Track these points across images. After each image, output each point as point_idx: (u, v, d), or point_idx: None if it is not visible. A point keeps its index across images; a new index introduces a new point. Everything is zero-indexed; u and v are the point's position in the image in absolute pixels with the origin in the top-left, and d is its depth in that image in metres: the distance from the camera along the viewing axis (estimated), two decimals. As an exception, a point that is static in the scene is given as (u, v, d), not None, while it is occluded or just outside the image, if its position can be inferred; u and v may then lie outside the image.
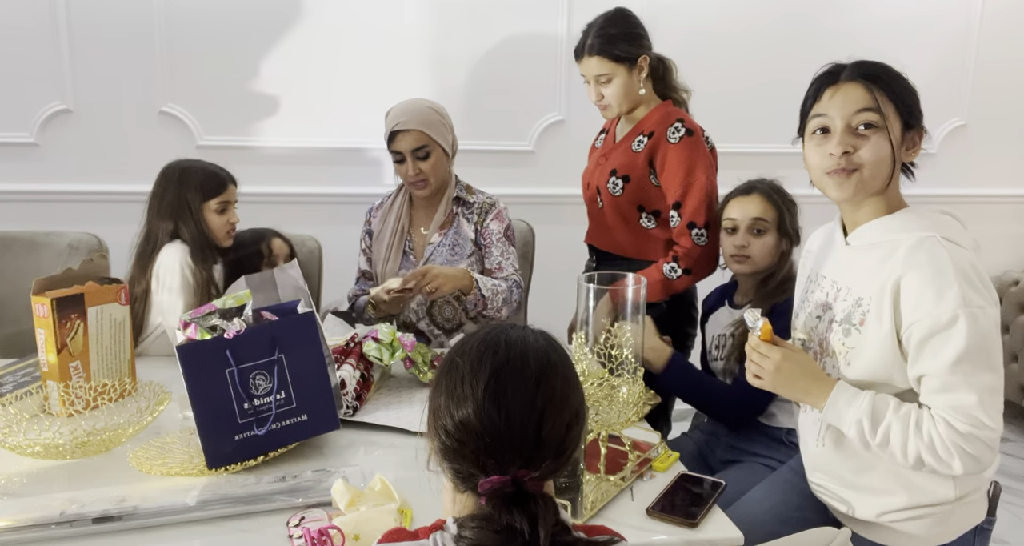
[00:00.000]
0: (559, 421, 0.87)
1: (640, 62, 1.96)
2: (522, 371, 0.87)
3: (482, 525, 0.84)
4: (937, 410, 1.21)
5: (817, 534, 1.01)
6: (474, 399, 0.86)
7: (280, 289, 1.55)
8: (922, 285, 1.21)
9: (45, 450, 1.35)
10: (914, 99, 1.35)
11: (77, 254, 2.30)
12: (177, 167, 2.04)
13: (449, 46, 2.89)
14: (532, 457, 0.86)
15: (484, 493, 0.84)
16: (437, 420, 0.90)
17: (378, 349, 1.70)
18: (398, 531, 0.93)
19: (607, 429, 1.33)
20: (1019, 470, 2.92)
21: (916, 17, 3.14)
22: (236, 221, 2.07)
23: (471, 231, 2.13)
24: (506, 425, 0.85)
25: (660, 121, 1.98)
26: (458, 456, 0.87)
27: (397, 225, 2.15)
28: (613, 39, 1.94)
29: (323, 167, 2.89)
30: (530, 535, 0.83)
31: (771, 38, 3.07)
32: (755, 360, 1.33)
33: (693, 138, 1.94)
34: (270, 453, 1.38)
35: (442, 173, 2.09)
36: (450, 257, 2.11)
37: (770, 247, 1.81)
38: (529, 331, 0.93)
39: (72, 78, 2.71)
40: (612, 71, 1.95)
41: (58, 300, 1.54)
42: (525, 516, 0.83)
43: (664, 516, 1.23)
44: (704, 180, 1.93)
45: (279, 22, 2.79)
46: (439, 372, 0.92)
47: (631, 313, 1.33)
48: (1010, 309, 3.34)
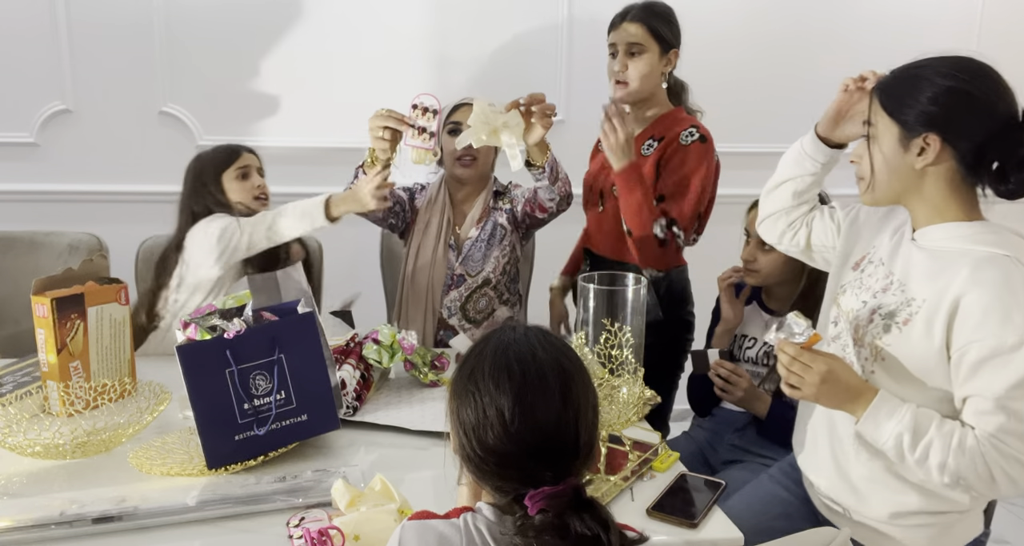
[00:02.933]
0: (589, 424, 0.90)
1: (671, 53, 1.96)
2: (544, 390, 0.87)
3: (550, 533, 0.84)
4: (985, 430, 1.18)
5: (817, 534, 1.01)
6: (503, 426, 0.86)
7: (283, 291, 1.55)
8: (988, 304, 1.17)
9: (45, 450, 1.35)
10: None
11: (77, 254, 2.30)
12: (193, 159, 2.08)
13: (449, 46, 2.89)
14: (573, 463, 0.88)
15: (538, 503, 0.84)
16: (467, 444, 0.89)
17: (377, 352, 1.69)
18: (425, 513, 0.94)
19: (607, 429, 1.33)
20: (1019, 470, 2.92)
21: (916, 17, 3.14)
22: (261, 185, 2.07)
23: (503, 216, 2.13)
24: (544, 442, 0.86)
25: (672, 125, 1.96)
26: (497, 476, 0.88)
27: (443, 217, 2.13)
28: (659, 16, 1.94)
29: (323, 167, 2.88)
30: (606, 541, 0.84)
31: (771, 38, 3.07)
32: (796, 371, 1.26)
33: (705, 145, 1.91)
34: (270, 453, 1.38)
35: (491, 160, 2.13)
36: (486, 248, 2.11)
37: (777, 263, 1.76)
38: (530, 337, 0.92)
39: (72, 78, 2.71)
40: (646, 45, 1.92)
41: (58, 300, 1.54)
42: (597, 522, 0.84)
43: (664, 516, 1.23)
44: (698, 191, 1.89)
45: (279, 22, 2.79)
46: (456, 397, 0.91)
47: (631, 314, 1.33)
48: (1010, 309, 3.33)
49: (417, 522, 0.91)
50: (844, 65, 3.11)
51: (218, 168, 2.02)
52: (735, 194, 3.06)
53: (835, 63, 3.12)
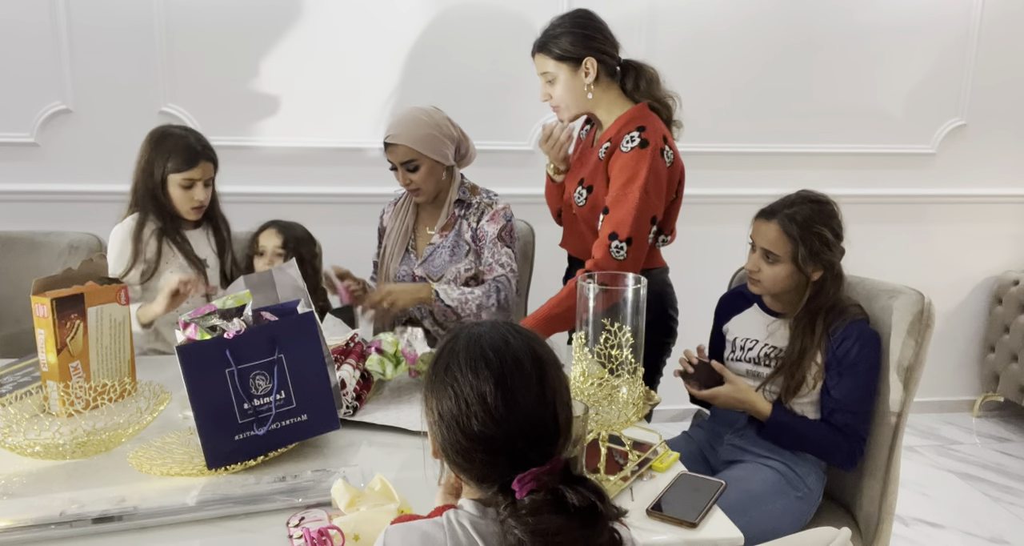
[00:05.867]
0: (564, 404, 0.92)
1: (585, 63, 1.89)
2: (521, 373, 0.89)
3: (546, 510, 0.84)
4: None
5: (817, 534, 1.00)
6: (487, 412, 0.87)
7: (279, 289, 1.55)
8: None
9: (45, 450, 1.35)
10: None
11: (77, 254, 2.30)
12: (159, 131, 2.09)
13: (449, 46, 2.89)
14: (555, 442, 0.90)
15: (528, 484, 0.86)
16: (451, 437, 0.90)
17: (380, 363, 1.68)
18: (408, 516, 0.96)
19: (607, 429, 1.33)
20: (1019, 470, 2.92)
21: (916, 17, 3.14)
22: (203, 199, 2.08)
23: (468, 232, 2.14)
24: (527, 424, 0.88)
25: (622, 128, 1.91)
26: (485, 464, 0.89)
27: (403, 224, 2.19)
28: (556, 37, 1.89)
29: (323, 167, 2.89)
30: (602, 510, 0.85)
31: (771, 38, 3.07)
32: None
33: (644, 150, 1.84)
34: (270, 453, 1.38)
35: (435, 183, 2.10)
36: (449, 258, 2.12)
37: (780, 277, 1.73)
38: (499, 328, 0.94)
39: (72, 78, 2.71)
40: (554, 70, 1.91)
41: (58, 300, 1.54)
42: (592, 492, 0.86)
43: (664, 516, 1.23)
44: (638, 195, 1.82)
45: (279, 22, 2.79)
46: (434, 394, 0.92)
47: (631, 314, 1.33)
48: (1010, 309, 3.34)
49: (400, 525, 0.91)
50: (836, 65, 3.15)
51: (169, 169, 2.04)
52: (718, 194, 3.07)
53: (827, 63, 3.14)
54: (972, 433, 3.33)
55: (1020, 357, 3.29)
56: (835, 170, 3.19)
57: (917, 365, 1.68)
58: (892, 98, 3.21)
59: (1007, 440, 3.26)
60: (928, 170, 3.31)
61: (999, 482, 2.80)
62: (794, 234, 1.70)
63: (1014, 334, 3.31)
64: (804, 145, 3.15)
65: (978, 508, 2.62)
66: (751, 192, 3.12)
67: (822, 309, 1.72)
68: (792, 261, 1.71)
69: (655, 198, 1.87)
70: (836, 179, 3.13)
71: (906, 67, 3.19)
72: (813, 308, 1.72)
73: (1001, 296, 3.41)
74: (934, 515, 2.59)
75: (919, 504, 2.66)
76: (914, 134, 3.26)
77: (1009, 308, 3.34)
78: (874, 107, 3.20)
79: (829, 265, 1.72)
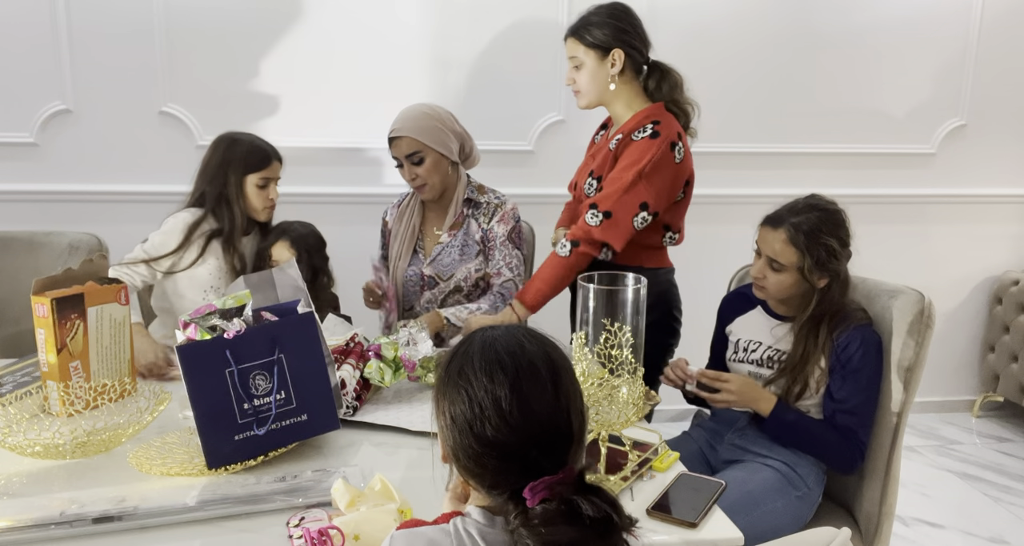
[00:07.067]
0: (578, 411, 0.90)
1: (613, 54, 1.93)
2: (536, 379, 0.88)
3: (559, 521, 0.83)
4: None
5: (817, 534, 1.00)
6: (502, 417, 0.86)
7: (279, 289, 1.55)
8: None
9: (45, 450, 1.35)
10: None
11: (77, 254, 2.30)
12: (228, 137, 2.12)
13: (449, 46, 2.89)
14: (569, 450, 0.88)
15: (540, 493, 0.84)
16: (463, 442, 0.88)
17: (379, 370, 1.67)
18: (414, 521, 0.94)
19: (607, 429, 1.33)
20: (1019, 470, 2.92)
21: (916, 17, 3.14)
22: (275, 197, 2.14)
23: (479, 232, 2.14)
24: (542, 430, 0.87)
25: (638, 123, 1.93)
26: (497, 470, 0.88)
27: (409, 224, 2.19)
28: (589, 25, 1.93)
29: (323, 167, 2.89)
30: (617, 521, 0.84)
31: (771, 38, 3.07)
32: None
33: (655, 140, 1.87)
34: (270, 453, 1.38)
35: (442, 177, 2.10)
36: (459, 257, 2.13)
37: (786, 285, 1.72)
38: (515, 332, 0.93)
39: (72, 78, 2.71)
40: (583, 56, 1.95)
41: (58, 300, 1.54)
42: (606, 502, 0.84)
43: (664, 516, 1.23)
44: (631, 178, 1.85)
45: (279, 22, 2.79)
46: (446, 397, 0.90)
47: (631, 314, 1.33)
48: (1010, 309, 3.34)
49: (406, 530, 0.90)
50: (836, 65, 3.15)
51: (247, 169, 2.08)
52: (718, 194, 3.07)
53: (827, 63, 3.14)
54: (972, 433, 3.33)
55: (1020, 357, 3.29)
56: (835, 170, 3.19)
57: (917, 365, 1.68)
58: (892, 98, 3.21)
59: (1007, 440, 3.26)
60: (928, 170, 3.31)
61: (999, 482, 2.80)
62: (800, 245, 1.67)
63: (1014, 334, 3.31)
64: (804, 145, 3.15)
65: (978, 508, 2.62)
66: (751, 192, 3.14)
67: (827, 314, 1.72)
68: (798, 271, 1.70)
69: (651, 186, 1.88)
70: (836, 179, 3.13)
71: (906, 67, 3.19)
72: (818, 313, 1.72)
73: (1001, 296, 3.41)
74: (934, 515, 2.59)
75: (919, 504, 2.66)
76: (914, 134, 3.26)
77: (1009, 308, 3.34)
78: (874, 107, 3.20)
79: (835, 274, 1.70)
